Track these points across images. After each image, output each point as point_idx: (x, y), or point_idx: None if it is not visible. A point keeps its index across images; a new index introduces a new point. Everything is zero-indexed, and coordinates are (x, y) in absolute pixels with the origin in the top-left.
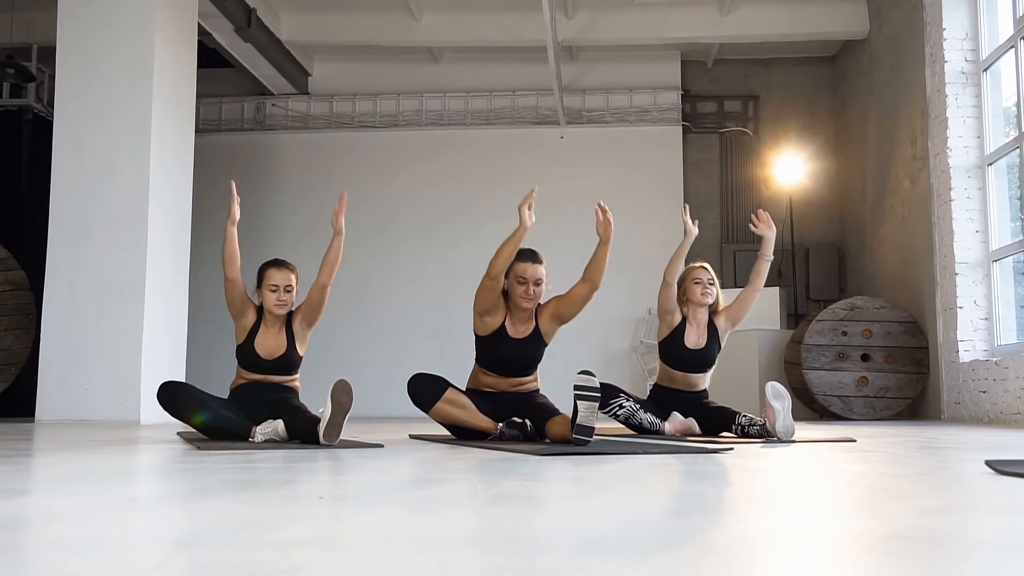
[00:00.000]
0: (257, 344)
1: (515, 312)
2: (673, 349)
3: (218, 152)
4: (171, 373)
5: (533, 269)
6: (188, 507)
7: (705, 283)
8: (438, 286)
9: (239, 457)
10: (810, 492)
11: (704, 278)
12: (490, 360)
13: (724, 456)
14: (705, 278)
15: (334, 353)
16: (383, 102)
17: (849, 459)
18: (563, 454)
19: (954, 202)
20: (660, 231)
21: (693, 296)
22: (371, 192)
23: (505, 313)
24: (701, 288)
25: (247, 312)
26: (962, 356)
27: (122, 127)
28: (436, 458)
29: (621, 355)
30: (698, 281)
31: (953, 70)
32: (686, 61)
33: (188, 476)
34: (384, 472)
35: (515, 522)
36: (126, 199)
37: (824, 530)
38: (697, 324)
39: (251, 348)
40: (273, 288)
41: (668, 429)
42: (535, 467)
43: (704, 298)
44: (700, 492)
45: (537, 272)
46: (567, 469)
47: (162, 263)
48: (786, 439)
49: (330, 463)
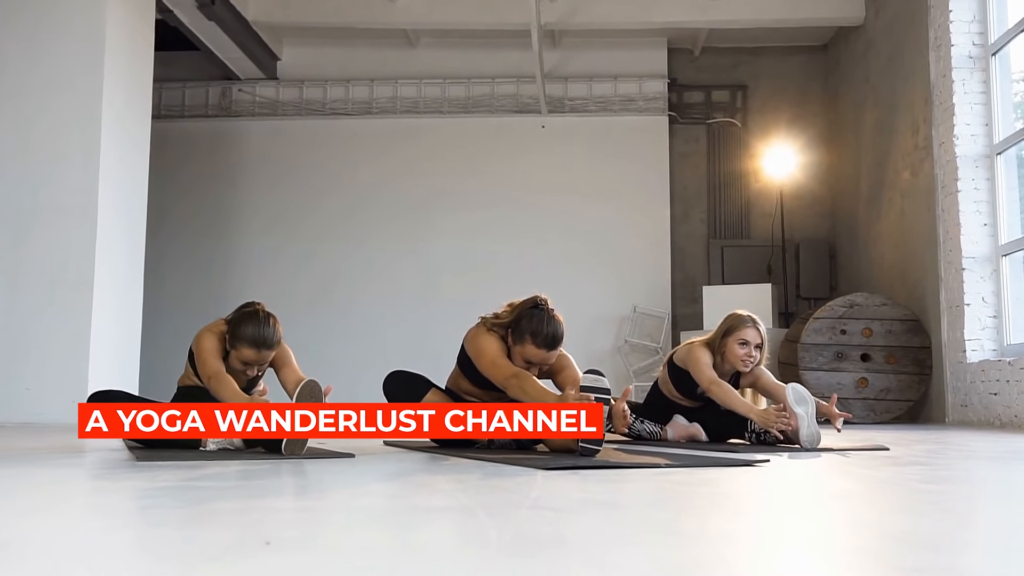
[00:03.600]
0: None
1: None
2: (687, 384)
3: (180, 139)
4: (123, 373)
5: (547, 357)
6: (86, 546)
7: (751, 348)
8: (412, 280)
9: (180, 473)
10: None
11: (752, 340)
12: (478, 378)
13: (765, 469)
14: (753, 341)
15: (301, 351)
16: (356, 88)
17: (910, 476)
18: (574, 468)
19: (960, 193)
20: (645, 225)
21: (733, 358)
22: (342, 182)
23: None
24: (746, 352)
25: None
26: (969, 356)
27: (70, 105)
28: (418, 473)
29: (603, 355)
30: (744, 343)
31: (960, 54)
32: (673, 49)
33: (105, 500)
34: (356, 495)
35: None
36: (73, 183)
37: None
38: (721, 374)
39: None
40: (244, 364)
41: (671, 435)
42: (545, 487)
43: (743, 364)
44: (791, 524)
45: (550, 359)
46: (589, 490)
47: (114, 255)
48: (811, 448)
49: (292, 481)
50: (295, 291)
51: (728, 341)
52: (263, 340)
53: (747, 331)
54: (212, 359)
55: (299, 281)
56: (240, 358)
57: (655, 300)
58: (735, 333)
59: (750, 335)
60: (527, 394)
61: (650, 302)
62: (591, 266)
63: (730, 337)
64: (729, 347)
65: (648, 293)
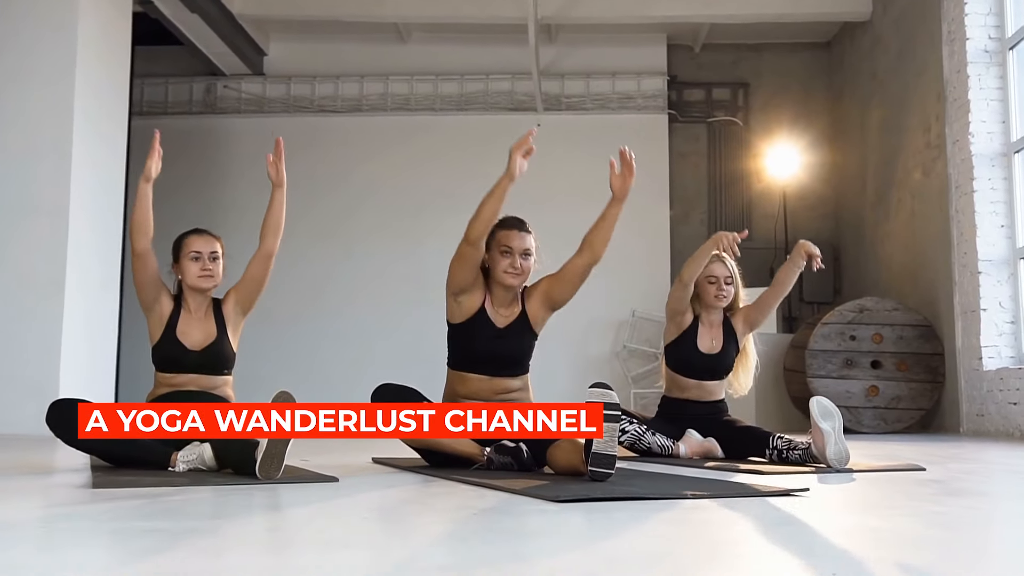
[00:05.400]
0: (180, 332)
1: (497, 293)
2: (683, 353)
3: (164, 137)
4: (97, 382)
5: (520, 238)
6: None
7: (721, 281)
8: (404, 285)
9: (139, 502)
10: None
11: (720, 275)
12: (467, 357)
13: (805, 500)
14: (722, 275)
15: (291, 358)
16: (345, 85)
17: (969, 507)
18: (588, 499)
19: (976, 193)
20: (643, 227)
21: (706, 297)
22: (332, 183)
23: (485, 294)
24: (716, 288)
25: (161, 298)
26: (986, 364)
27: (40, 99)
28: (409, 504)
29: (601, 360)
30: (713, 280)
31: (975, 48)
32: (672, 45)
33: (52, 536)
34: (332, 545)
35: None
36: (44, 182)
37: None
38: (711, 325)
39: (172, 338)
40: (195, 256)
41: (683, 452)
42: (559, 523)
43: (718, 301)
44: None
45: (525, 242)
46: (613, 528)
47: (87, 257)
48: (840, 468)
49: (263, 517)
50: (284, 296)
51: (699, 282)
52: (199, 228)
53: (713, 267)
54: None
55: (288, 286)
56: (189, 254)
57: (654, 304)
58: (704, 272)
59: (716, 270)
60: (484, 203)
61: (649, 306)
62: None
63: (700, 278)
64: (701, 287)
65: (647, 297)
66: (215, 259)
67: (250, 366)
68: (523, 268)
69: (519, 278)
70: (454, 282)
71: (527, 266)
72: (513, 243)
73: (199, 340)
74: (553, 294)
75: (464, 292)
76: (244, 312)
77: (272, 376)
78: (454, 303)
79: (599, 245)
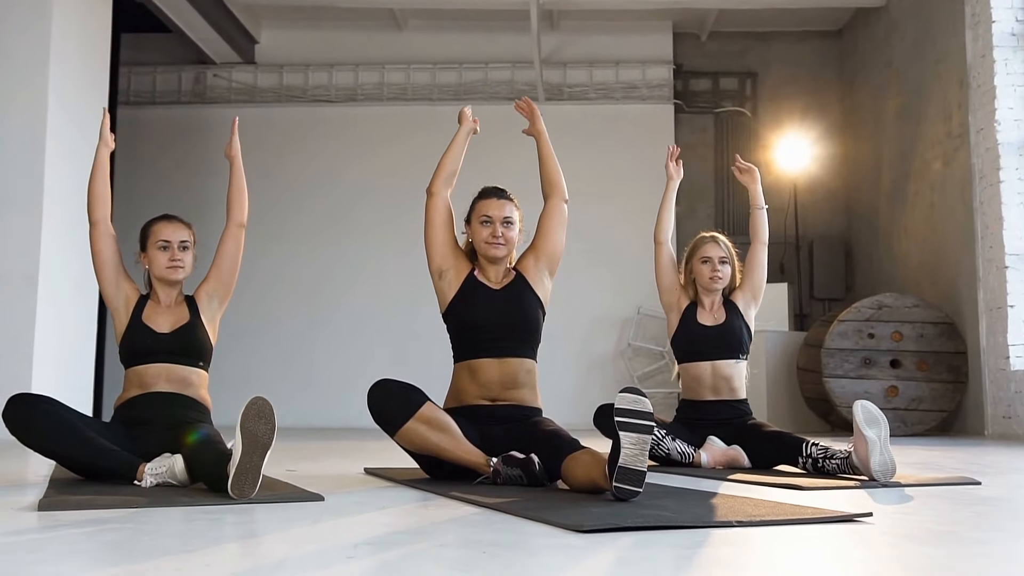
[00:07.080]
0: (146, 318)
1: (485, 268)
2: (687, 333)
3: (151, 127)
4: (73, 384)
5: (499, 206)
6: None
7: (715, 261)
8: (401, 282)
9: (85, 532)
10: None
11: (714, 255)
12: (468, 337)
13: (871, 526)
14: (716, 255)
15: (285, 357)
16: (339, 74)
17: None
18: (617, 529)
19: (1003, 184)
20: (649, 220)
21: (701, 279)
22: (326, 176)
23: (472, 266)
24: (710, 268)
25: (123, 284)
26: (1013, 363)
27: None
28: (405, 537)
29: (604, 359)
30: (706, 260)
31: (1002, 31)
32: (678, 33)
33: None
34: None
35: None
36: (16, 171)
37: None
38: (711, 305)
39: (139, 324)
40: (163, 245)
41: (705, 461)
42: (585, 561)
43: (713, 282)
44: None
45: (504, 210)
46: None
47: (62, 251)
48: (886, 480)
49: (228, 554)
50: (278, 295)
51: (693, 265)
52: (167, 214)
53: (706, 247)
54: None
55: (282, 284)
56: (157, 243)
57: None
58: (696, 253)
59: (710, 251)
60: (443, 155)
61: (655, 303)
62: (591, 264)
63: (693, 260)
64: (696, 271)
65: (653, 293)
66: (185, 248)
67: (244, 364)
68: (506, 237)
69: (503, 248)
70: (429, 250)
71: (510, 235)
72: (492, 211)
73: (169, 324)
74: (542, 248)
75: (447, 267)
76: (221, 301)
77: (268, 375)
78: (441, 284)
79: (557, 180)
